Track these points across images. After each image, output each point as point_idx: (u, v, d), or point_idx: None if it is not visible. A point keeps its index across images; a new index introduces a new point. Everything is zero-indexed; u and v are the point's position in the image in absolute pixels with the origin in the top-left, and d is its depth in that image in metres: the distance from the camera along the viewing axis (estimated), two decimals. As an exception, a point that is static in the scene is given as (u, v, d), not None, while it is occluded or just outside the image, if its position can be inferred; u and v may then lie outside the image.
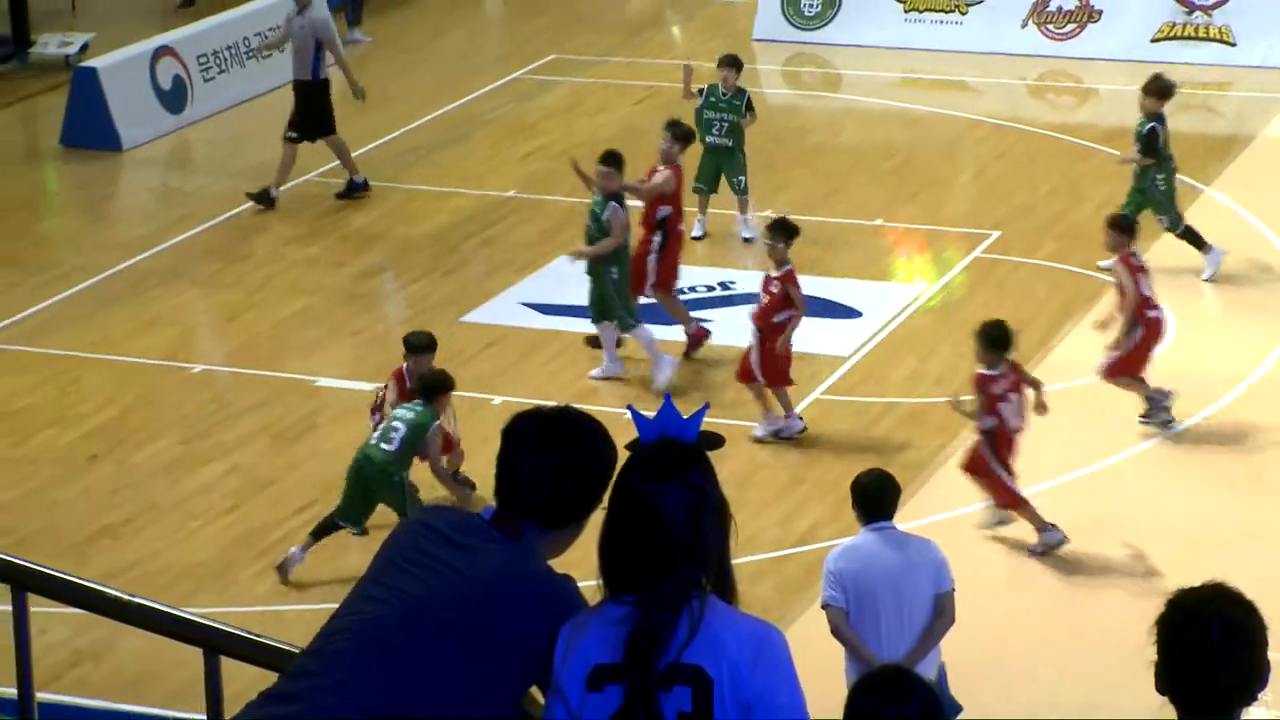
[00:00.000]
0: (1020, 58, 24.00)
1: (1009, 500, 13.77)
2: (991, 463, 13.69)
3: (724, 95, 19.20)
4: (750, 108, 19.30)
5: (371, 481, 13.66)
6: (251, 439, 15.85)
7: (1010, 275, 18.62)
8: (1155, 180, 17.91)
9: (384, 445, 13.70)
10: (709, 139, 19.16)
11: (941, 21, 25.81)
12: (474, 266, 18.96)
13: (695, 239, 19.14)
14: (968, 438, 14.37)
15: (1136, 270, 15.12)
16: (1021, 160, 19.40)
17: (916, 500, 14.02)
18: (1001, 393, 13.58)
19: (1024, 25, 25.43)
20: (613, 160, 16.13)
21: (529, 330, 17.63)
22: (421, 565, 4.59)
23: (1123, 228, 15.43)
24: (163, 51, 23.45)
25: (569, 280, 17.08)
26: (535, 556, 4.61)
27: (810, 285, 17.04)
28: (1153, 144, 17.75)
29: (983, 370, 13.66)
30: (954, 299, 18.33)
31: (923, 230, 19.89)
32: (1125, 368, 15.23)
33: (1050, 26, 25.37)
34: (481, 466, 13.96)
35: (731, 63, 19.41)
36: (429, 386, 14.06)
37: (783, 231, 15.35)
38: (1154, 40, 24.91)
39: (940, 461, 15.06)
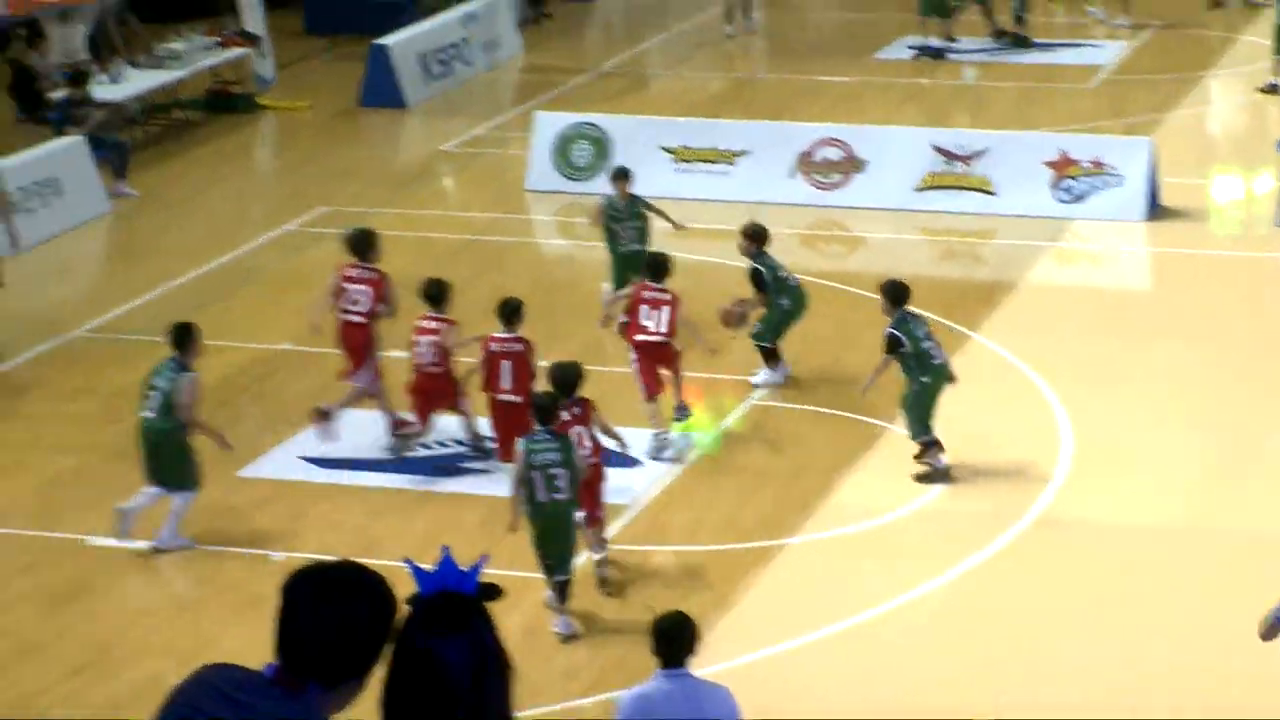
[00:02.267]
0: (789, 207, 24.31)
1: None
2: None
3: None
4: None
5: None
6: (19, 602, 15.44)
7: (785, 422, 18.74)
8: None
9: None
10: None
11: (710, 171, 26.12)
12: (249, 421, 18.71)
13: None
14: (752, 585, 14.27)
15: None
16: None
17: (711, 644, 13.97)
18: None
19: (791, 175, 25.82)
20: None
21: (308, 484, 17.42)
22: (201, 726, 4.48)
23: None
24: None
25: (347, 434, 16.94)
26: (316, 713, 4.52)
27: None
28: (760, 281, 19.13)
29: None
30: (732, 444, 18.39)
31: (700, 379, 19.98)
32: None
33: (817, 176, 25.79)
34: (255, 628, 13.69)
35: None
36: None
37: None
38: (918, 189, 25.40)
39: (729, 606, 15.05)
